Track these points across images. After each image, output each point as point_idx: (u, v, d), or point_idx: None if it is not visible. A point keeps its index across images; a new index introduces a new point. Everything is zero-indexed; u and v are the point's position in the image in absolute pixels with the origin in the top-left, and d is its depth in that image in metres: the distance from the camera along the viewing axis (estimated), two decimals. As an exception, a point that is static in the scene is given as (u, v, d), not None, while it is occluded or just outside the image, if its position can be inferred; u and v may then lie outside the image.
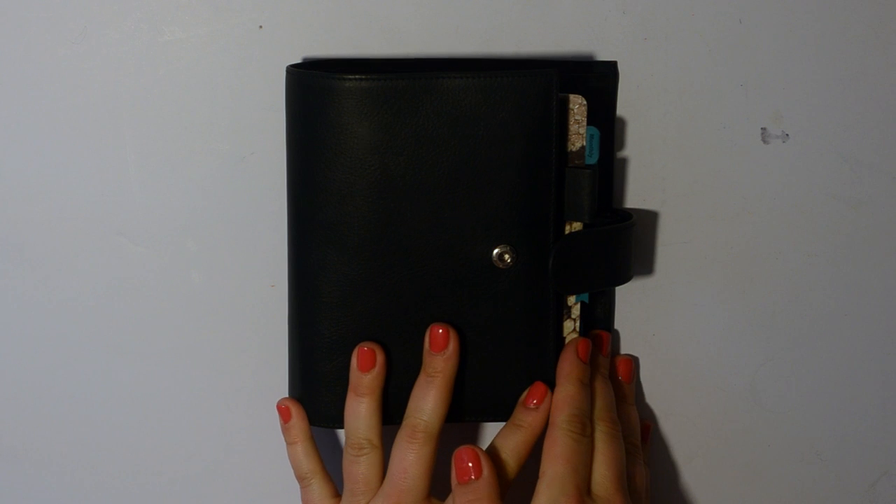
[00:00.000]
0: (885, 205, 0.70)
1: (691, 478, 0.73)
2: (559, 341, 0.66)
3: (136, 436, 0.71)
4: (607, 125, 0.67)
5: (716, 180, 0.69)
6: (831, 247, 0.70)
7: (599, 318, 0.69)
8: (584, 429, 0.62)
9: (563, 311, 0.65)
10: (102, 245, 0.68)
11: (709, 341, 0.71)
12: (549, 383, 0.64)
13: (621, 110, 0.68)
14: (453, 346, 0.62)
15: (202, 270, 0.69)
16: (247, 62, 0.66)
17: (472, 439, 0.71)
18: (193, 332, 0.70)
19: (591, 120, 0.64)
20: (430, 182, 0.61)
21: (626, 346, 0.71)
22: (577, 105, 0.63)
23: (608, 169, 0.67)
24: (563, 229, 0.64)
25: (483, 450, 0.61)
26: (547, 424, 0.62)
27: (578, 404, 0.62)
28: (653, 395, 0.72)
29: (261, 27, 0.66)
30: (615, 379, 0.68)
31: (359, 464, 0.63)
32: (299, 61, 0.66)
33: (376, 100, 0.60)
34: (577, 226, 0.64)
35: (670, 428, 0.72)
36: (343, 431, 0.66)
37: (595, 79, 0.66)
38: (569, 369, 0.63)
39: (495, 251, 0.62)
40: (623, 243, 0.65)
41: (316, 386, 0.64)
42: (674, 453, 0.72)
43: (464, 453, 0.60)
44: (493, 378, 0.64)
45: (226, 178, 0.68)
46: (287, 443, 0.65)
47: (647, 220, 0.69)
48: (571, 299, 0.66)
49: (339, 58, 0.66)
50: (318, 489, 0.65)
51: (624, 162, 0.68)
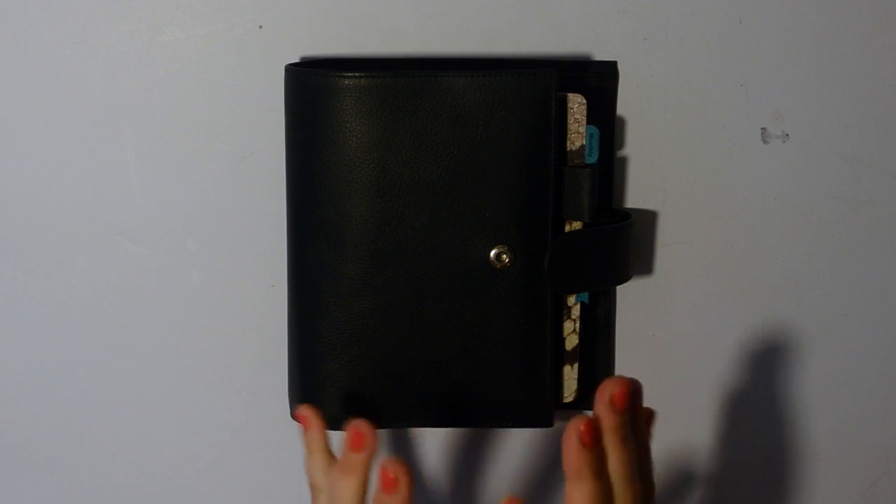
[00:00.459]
0: (885, 205, 0.70)
1: (691, 478, 0.73)
2: (559, 342, 0.66)
3: (136, 436, 0.71)
4: (607, 125, 0.67)
5: (716, 180, 0.69)
6: (831, 247, 0.70)
7: (599, 319, 0.69)
8: None
9: (562, 312, 0.65)
10: (102, 245, 0.68)
11: (709, 341, 0.71)
12: (546, 385, 0.64)
13: (621, 110, 0.68)
14: (404, 492, 0.56)
15: (202, 270, 0.69)
16: (247, 62, 0.66)
17: (471, 440, 0.71)
18: (193, 332, 0.70)
19: (591, 120, 0.64)
20: (428, 181, 0.61)
21: (626, 346, 0.71)
22: (577, 104, 0.63)
23: (608, 169, 0.67)
24: (563, 229, 0.64)
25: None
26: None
27: (595, 501, 0.55)
28: (653, 396, 0.71)
29: (261, 27, 0.66)
30: (601, 410, 0.56)
31: None
32: (298, 61, 0.66)
33: (375, 98, 0.60)
34: (577, 225, 0.64)
35: (670, 428, 0.72)
36: (341, 432, 0.65)
37: (595, 78, 0.66)
38: (576, 464, 0.55)
39: (493, 251, 0.62)
40: (622, 243, 0.65)
41: (315, 386, 0.64)
42: (673, 453, 0.72)
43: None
44: (491, 380, 0.64)
45: (226, 178, 0.68)
46: (306, 452, 0.63)
47: (647, 220, 0.69)
48: (571, 299, 0.66)
49: (339, 57, 0.66)
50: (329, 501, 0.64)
51: (624, 162, 0.68)
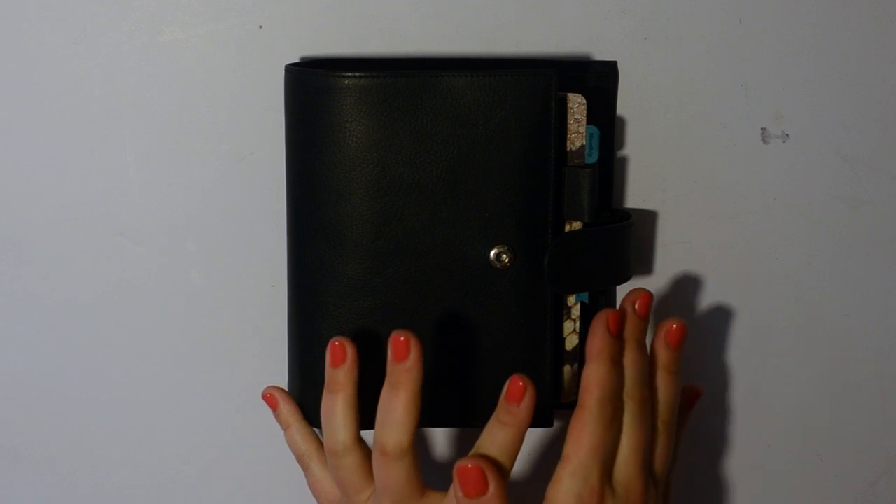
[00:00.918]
0: (885, 205, 0.70)
1: (691, 478, 0.73)
2: (559, 342, 0.66)
3: (135, 436, 0.71)
4: (607, 125, 0.67)
5: (716, 180, 0.69)
6: (831, 247, 0.70)
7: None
8: (614, 412, 0.59)
9: (562, 312, 0.65)
10: (102, 245, 0.68)
11: (709, 341, 0.71)
12: (546, 385, 0.64)
13: (621, 110, 0.68)
14: (415, 354, 0.57)
15: (202, 270, 0.69)
16: (247, 62, 0.66)
17: (468, 443, 0.71)
18: (193, 332, 0.70)
19: (591, 120, 0.64)
20: (428, 181, 0.61)
21: (626, 346, 0.71)
22: (577, 104, 0.63)
23: (608, 169, 0.67)
24: (563, 229, 0.64)
25: (487, 462, 0.57)
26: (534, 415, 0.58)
27: (608, 386, 0.59)
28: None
29: (261, 27, 0.66)
30: (658, 344, 0.63)
31: (338, 469, 0.61)
32: (298, 61, 0.66)
33: (375, 98, 0.60)
34: (577, 225, 0.64)
35: (670, 428, 0.72)
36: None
37: (595, 78, 0.66)
38: (599, 346, 0.59)
39: (493, 251, 0.62)
40: (622, 243, 0.65)
41: (315, 386, 0.64)
42: (679, 456, 0.72)
43: (469, 472, 0.56)
44: (491, 380, 0.64)
45: (226, 178, 0.68)
46: (282, 429, 0.65)
47: (647, 220, 0.69)
48: (571, 299, 0.66)
49: (339, 57, 0.66)
50: (318, 469, 0.64)
51: (624, 162, 0.68)
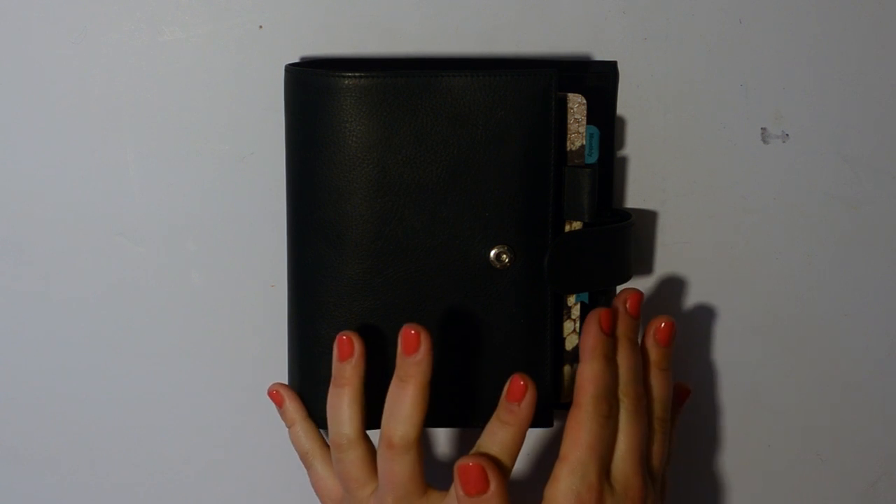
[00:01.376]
0: (885, 205, 0.70)
1: (692, 478, 0.73)
2: (559, 342, 0.66)
3: (135, 436, 0.71)
4: (607, 125, 0.67)
5: (716, 180, 0.69)
6: (831, 247, 0.70)
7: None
8: (610, 409, 0.59)
9: (562, 312, 0.65)
10: (102, 245, 0.68)
11: (709, 341, 0.71)
12: (546, 385, 0.64)
13: (621, 110, 0.68)
14: (425, 347, 0.58)
15: (202, 270, 0.69)
16: (247, 62, 0.66)
17: (469, 443, 0.71)
18: (193, 332, 0.70)
19: (591, 120, 0.64)
20: (428, 181, 0.61)
21: (626, 346, 0.71)
22: (577, 104, 0.63)
23: (608, 169, 0.67)
24: (563, 229, 0.64)
25: (488, 460, 0.58)
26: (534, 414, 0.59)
27: (603, 383, 0.59)
28: (653, 396, 0.71)
29: (261, 27, 0.66)
30: (648, 342, 0.64)
31: (342, 462, 0.61)
32: (298, 61, 0.66)
33: (375, 98, 0.60)
34: (577, 225, 0.64)
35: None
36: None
37: (595, 78, 0.66)
38: (592, 343, 0.60)
39: (493, 251, 0.62)
40: (622, 243, 0.65)
41: (315, 386, 0.64)
42: (674, 453, 0.72)
43: (470, 470, 0.57)
44: (492, 380, 0.64)
45: (226, 178, 0.68)
46: (286, 426, 0.65)
47: (647, 220, 0.69)
48: (571, 299, 0.66)
49: (339, 57, 0.66)
50: (321, 467, 0.64)
51: (624, 162, 0.68)
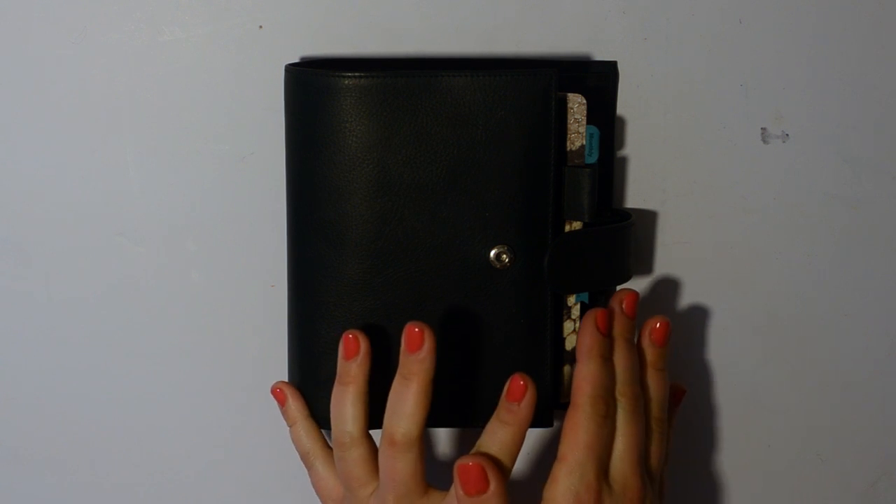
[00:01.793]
0: (885, 205, 0.70)
1: (692, 478, 0.73)
2: (559, 342, 0.66)
3: (135, 435, 0.71)
4: (607, 125, 0.67)
5: (716, 180, 0.69)
6: (831, 247, 0.70)
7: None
8: (608, 409, 0.59)
9: (562, 312, 0.65)
10: (102, 245, 0.68)
11: (709, 341, 0.71)
12: (546, 385, 0.64)
13: (621, 110, 0.68)
14: (429, 345, 0.58)
15: (202, 270, 0.69)
16: (247, 62, 0.66)
17: (469, 443, 0.71)
18: (193, 332, 0.70)
19: (591, 120, 0.64)
20: (428, 181, 0.61)
21: (625, 346, 0.71)
22: (577, 104, 0.63)
23: (608, 169, 0.67)
24: (563, 229, 0.64)
25: (488, 460, 0.57)
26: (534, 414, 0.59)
27: (600, 383, 0.59)
28: (653, 396, 0.71)
29: (261, 27, 0.66)
30: (644, 342, 0.64)
31: (344, 461, 0.61)
32: (298, 61, 0.66)
33: (375, 98, 0.60)
34: (577, 225, 0.64)
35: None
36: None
37: (595, 78, 0.66)
38: (589, 343, 0.60)
39: (493, 251, 0.62)
40: (622, 243, 0.65)
41: (315, 386, 0.64)
42: (674, 453, 0.72)
43: (470, 470, 0.57)
44: (491, 380, 0.64)
45: (226, 178, 0.68)
46: (288, 425, 0.65)
47: (647, 220, 0.69)
48: (571, 299, 0.66)
49: (339, 57, 0.66)
50: (322, 467, 0.64)
51: (624, 162, 0.68)
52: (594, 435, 0.58)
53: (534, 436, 0.72)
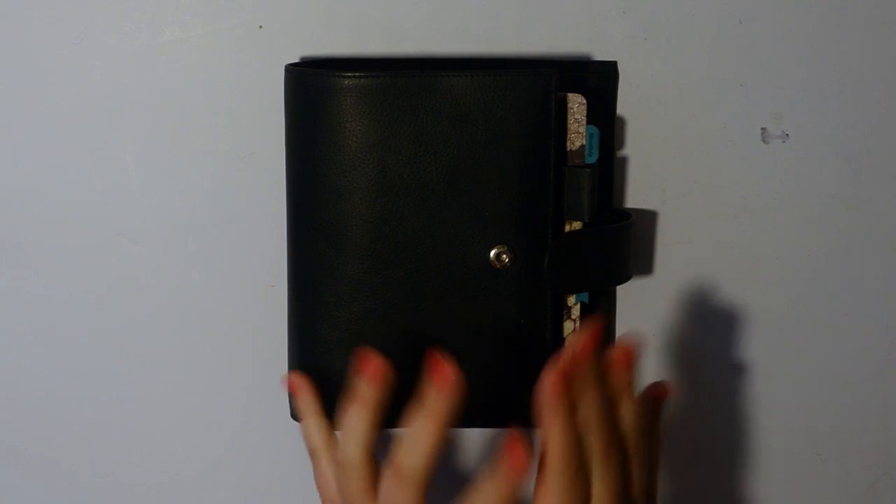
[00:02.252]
0: (885, 205, 0.70)
1: (692, 478, 0.73)
2: (559, 342, 0.66)
3: (135, 435, 0.71)
4: (607, 125, 0.67)
5: (716, 180, 0.69)
6: (831, 247, 0.70)
7: (599, 319, 0.69)
8: (577, 472, 0.56)
9: (562, 312, 0.65)
10: (102, 245, 0.68)
11: (709, 341, 0.71)
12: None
13: (621, 110, 0.68)
14: (458, 388, 0.56)
15: (202, 270, 0.69)
16: (247, 62, 0.66)
17: (468, 443, 0.71)
18: (193, 332, 0.70)
19: (591, 120, 0.64)
20: (428, 181, 0.61)
21: (625, 346, 0.71)
22: (577, 104, 0.63)
23: (608, 169, 0.67)
24: (563, 229, 0.64)
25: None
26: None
27: (567, 445, 0.56)
28: (653, 396, 0.71)
29: (261, 27, 0.66)
30: (611, 370, 0.60)
31: (345, 480, 0.60)
32: (298, 61, 0.66)
33: (375, 98, 0.60)
34: (577, 225, 0.64)
35: (670, 428, 0.72)
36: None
37: (595, 78, 0.66)
38: (550, 404, 0.56)
39: (493, 251, 0.62)
40: (622, 243, 0.65)
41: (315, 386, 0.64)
42: (674, 454, 0.72)
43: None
44: (492, 381, 0.64)
45: (226, 178, 0.68)
46: (300, 418, 0.64)
47: (647, 220, 0.69)
48: (571, 299, 0.66)
49: (339, 57, 0.66)
50: (327, 466, 0.64)
51: (624, 162, 0.68)
52: (568, 499, 0.56)
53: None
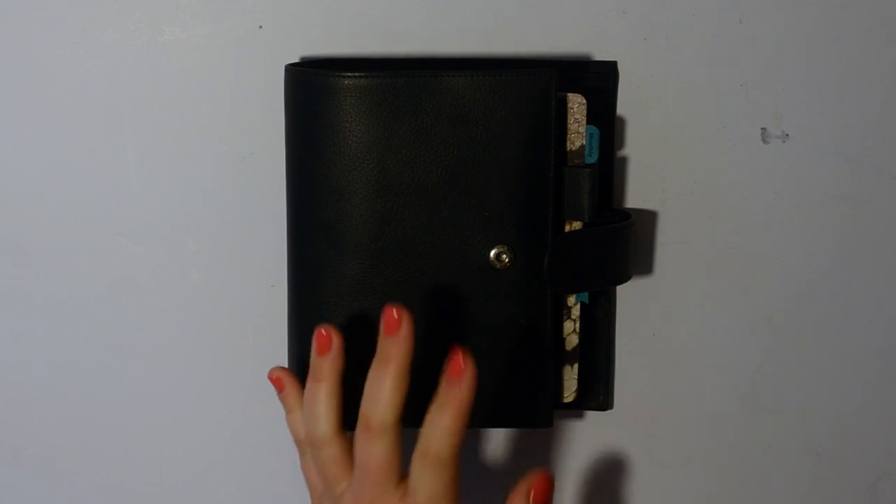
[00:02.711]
0: (885, 205, 0.70)
1: (692, 478, 0.73)
2: (559, 342, 0.66)
3: (135, 435, 0.71)
4: (607, 125, 0.67)
5: (716, 180, 0.69)
6: (831, 247, 0.70)
7: (600, 318, 0.69)
8: None
9: (562, 312, 0.65)
10: (102, 245, 0.68)
11: (709, 341, 0.71)
12: (547, 384, 0.64)
13: (621, 110, 0.68)
14: (406, 329, 0.57)
15: (202, 270, 0.69)
16: (247, 62, 0.66)
17: (471, 440, 0.71)
18: (193, 332, 0.70)
19: (591, 120, 0.64)
20: (428, 181, 0.61)
21: (625, 346, 0.71)
22: (577, 104, 0.63)
23: (608, 169, 0.67)
24: (563, 229, 0.64)
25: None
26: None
27: None
28: (653, 396, 0.72)
29: (261, 27, 0.66)
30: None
31: (320, 459, 0.60)
32: (298, 61, 0.66)
33: (375, 98, 0.60)
34: (577, 225, 0.64)
35: (670, 428, 0.72)
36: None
37: (595, 78, 0.66)
38: None
39: (493, 251, 0.62)
40: (622, 243, 0.65)
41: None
42: (674, 453, 0.72)
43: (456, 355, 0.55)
44: (492, 380, 0.64)
45: (226, 178, 0.68)
46: (285, 411, 0.64)
47: (647, 220, 0.69)
48: (571, 299, 0.66)
49: (339, 57, 0.66)
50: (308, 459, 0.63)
51: (624, 162, 0.68)
52: None
53: (534, 435, 0.71)
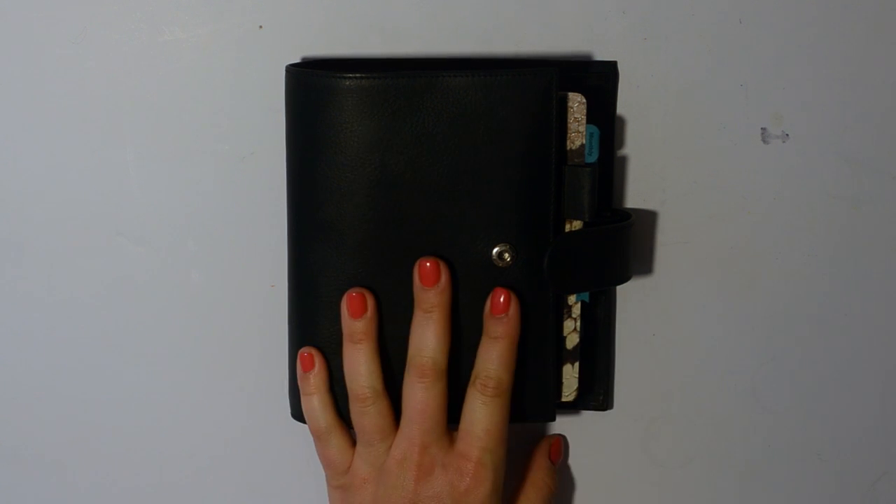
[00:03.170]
0: (885, 205, 0.70)
1: (691, 478, 0.73)
2: (559, 341, 0.66)
3: (136, 435, 0.71)
4: (607, 125, 0.67)
5: (716, 180, 0.69)
6: (831, 247, 0.70)
7: (600, 318, 0.69)
8: None
9: (563, 311, 0.66)
10: (102, 245, 0.68)
11: (709, 341, 0.71)
12: (547, 383, 0.64)
13: (621, 110, 0.68)
14: (445, 278, 0.61)
15: (202, 270, 0.69)
16: (247, 62, 0.66)
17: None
18: (193, 332, 0.70)
19: (591, 120, 0.64)
20: (429, 181, 0.61)
21: (626, 346, 0.71)
22: (577, 103, 0.63)
23: (608, 169, 0.67)
24: (564, 228, 0.64)
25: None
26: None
27: None
28: (653, 395, 0.72)
29: (261, 27, 0.66)
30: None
31: (368, 415, 0.62)
32: (299, 61, 0.66)
33: (376, 98, 0.60)
34: (577, 225, 0.64)
35: (670, 428, 0.72)
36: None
37: (595, 78, 0.66)
38: None
39: (495, 250, 0.62)
40: (621, 243, 0.65)
41: (315, 385, 0.64)
42: (674, 453, 0.72)
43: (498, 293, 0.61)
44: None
45: (226, 178, 0.68)
46: (303, 394, 0.64)
47: (647, 220, 0.69)
48: (572, 298, 0.66)
49: (339, 57, 0.66)
50: (336, 442, 0.64)
51: (624, 161, 0.68)
52: None
53: (534, 432, 0.71)
